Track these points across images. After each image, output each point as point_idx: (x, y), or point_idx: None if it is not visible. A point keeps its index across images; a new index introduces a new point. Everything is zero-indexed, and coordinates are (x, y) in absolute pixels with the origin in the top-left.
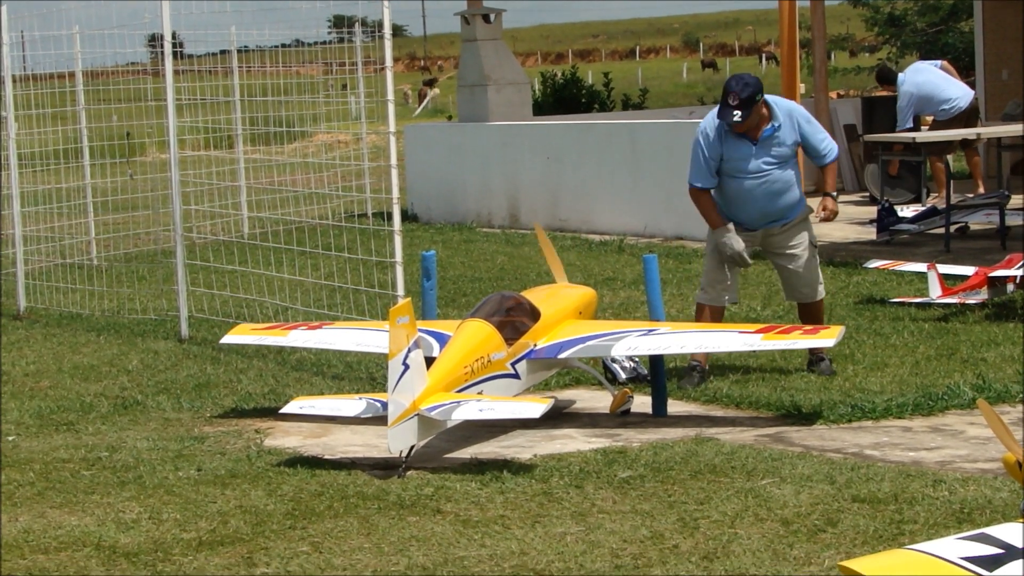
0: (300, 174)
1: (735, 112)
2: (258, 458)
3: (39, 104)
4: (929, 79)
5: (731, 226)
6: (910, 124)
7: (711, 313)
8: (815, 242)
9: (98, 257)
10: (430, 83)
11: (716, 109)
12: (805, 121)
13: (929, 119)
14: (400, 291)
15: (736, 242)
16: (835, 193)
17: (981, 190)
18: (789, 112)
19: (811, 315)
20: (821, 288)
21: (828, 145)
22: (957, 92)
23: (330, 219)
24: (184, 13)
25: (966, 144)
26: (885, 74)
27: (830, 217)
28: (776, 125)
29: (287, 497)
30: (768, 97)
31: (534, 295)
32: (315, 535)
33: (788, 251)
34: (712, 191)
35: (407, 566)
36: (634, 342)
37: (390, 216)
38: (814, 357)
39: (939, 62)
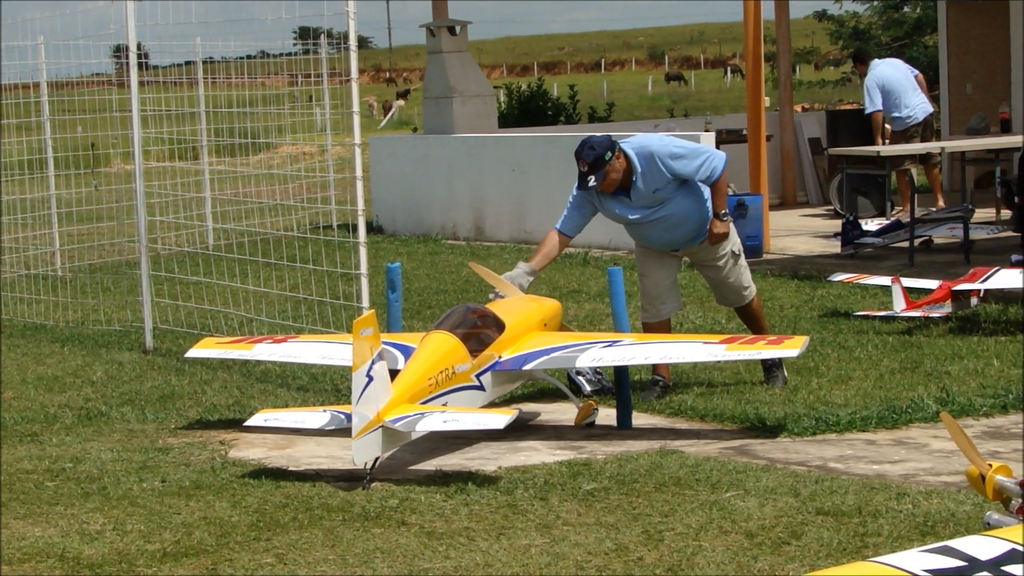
0: (265, 185)
1: (589, 178)
2: (223, 470)
3: (3, 115)
4: (898, 78)
5: (519, 264)
6: (879, 107)
7: (657, 329)
8: (737, 250)
9: (63, 268)
10: (403, 94)
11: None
12: (670, 157)
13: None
14: (365, 303)
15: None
16: (724, 212)
17: (941, 204)
18: (649, 156)
19: (748, 316)
20: (750, 290)
21: (707, 168)
22: (915, 102)
23: (295, 231)
24: (149, 23)
25: (924, 159)
26: (861, 55)
27: (715, 240)
28: (639, 173)
29: (252, 509)
30: (625, 146)
31: (499, 307)
32: (279, 547)
33: (710, 263)
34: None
35: None
36: (599, 353)
37: (355, 228)
38: (766, 364)
39: (916, 72)
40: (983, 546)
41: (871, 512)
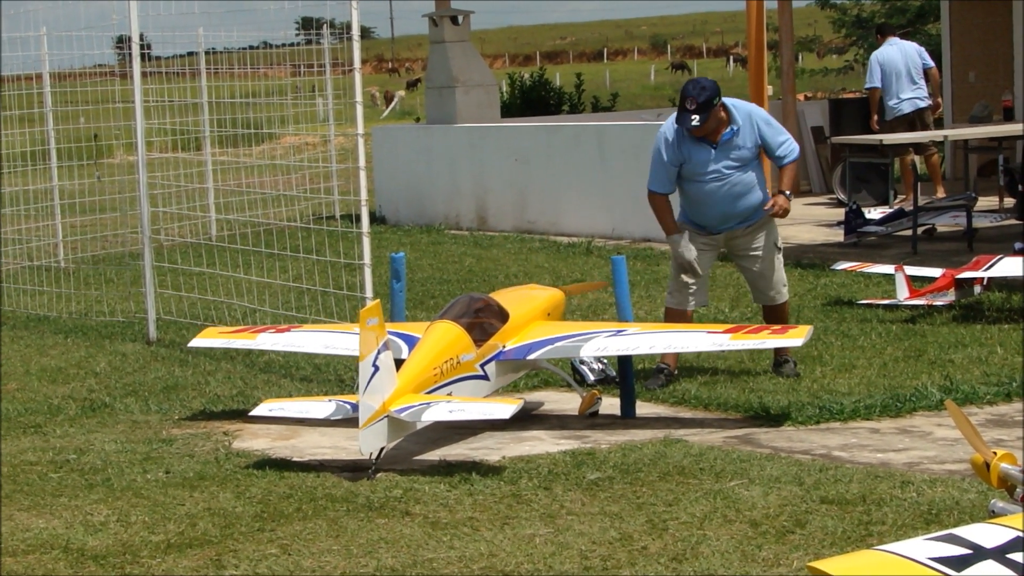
0: (268, 176)
1: (693, 116)
2: (226, 460)
3: (6, 106)
4: (897, 65)
5: (686, 234)
6: (876, 84)
7: (678, 317)
8: (779, 244)
9: (66, 259)
10: (413, 84)
11: (675, 114)
12: (764, 123)
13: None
14: (368, 293)
15: (688, 251)
16: (789, 192)
17: (941, 193)
18: (748, 115)
19: (776, 317)
20: (785, 290)
21: (788, 147)
22: (907, 95)
23: (298, 221)
24: (152, 14)
25: (920, 148)
26: (884, 29)
27: (779, 213)
28: (735, 128)
29: (256, 499)
30: (727, 100)
31: (503, 297)
32: (284, 537)
33: (752, 253)
34: (676, 193)
35: (376, 568)
36: (603, 343)
37: (358, 218)
38: (779, 359)
39: (930, 64)
40: (988, 534)
41: (875, 500)
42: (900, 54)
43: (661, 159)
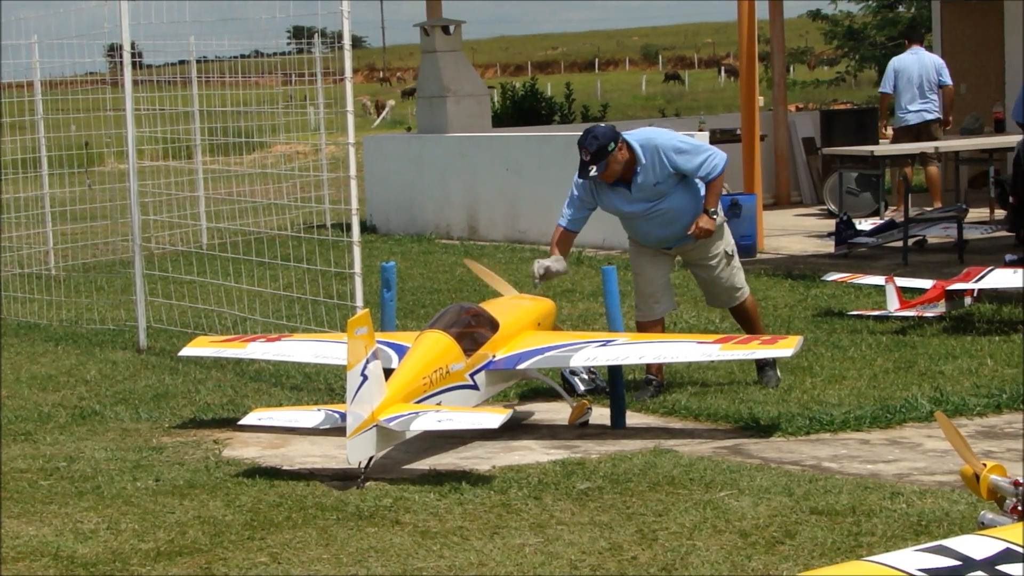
0: (259, 185)
1: (590, 167)
2: (216, 469)
3: None
4: (910, 75)
5: (552, 257)
6: (887, 90)
7: (650, 328)
8: (731, 251)
9: (56, 267)
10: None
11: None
12: (675, 153)
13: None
14: (359, 302)
15: (539, 263)
16: (714, 210)
17: (937, 205)
18: (655, 149)
19: (742, 317)
20: (742, 291)
21: (709, 166)
22: (916, 107)
23: (289, 230)
24: (143, 23)
25: (921, 159)
26: (911, 34)
27: (700, 235)
28: (639, 168)
29: (245, 508)
30: (632, 138)
31: (493, 306)
32: (273, 546)
33: (702, 263)
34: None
35: None
36: (593, 353)
37: (349, 227)
38: (761, 363)
39: (947, 82)
40: (978, 545)
41: (865, 511)
42: (917, 64)
43: (575, 198)
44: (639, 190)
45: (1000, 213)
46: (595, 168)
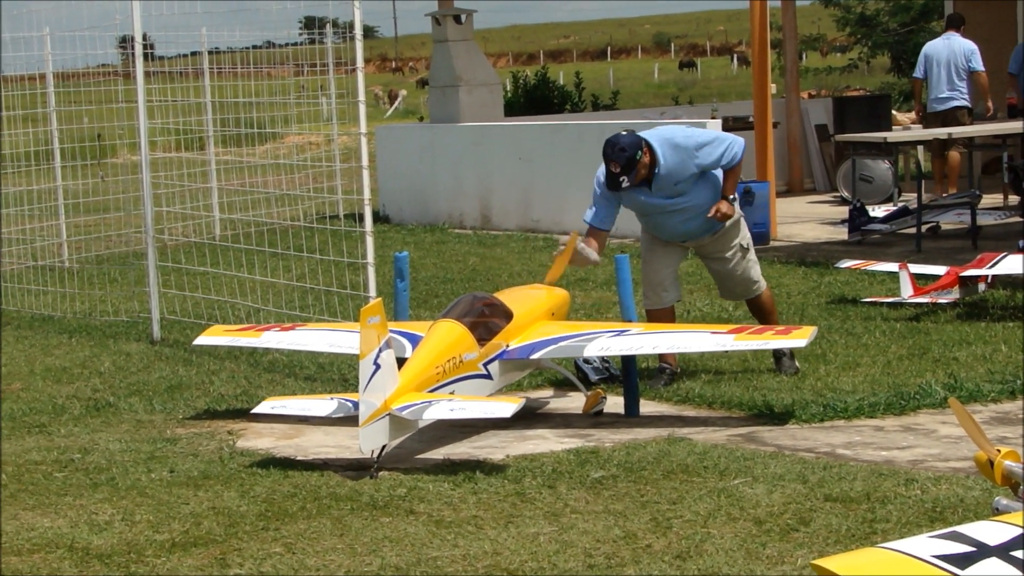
0: (272, 176)
1: (621, 179)
2: (231, 459)
3: (9, 106)
4: (938, 60)
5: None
6: (918, 75)
7: (659, 316)
8: (746, 244)
9: (70, 259)
10: (424, 83)
11: (603, 168)
12: (696, 148)
13: (907, 116)
14: (372, 292)
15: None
16: (732, 196)
17: (953, 190)
18: (675, 148)
19: (758, 309)
20: (759, 285)
21: (728, 156)
22: (943, 93)
23: (302, 220)
24: (155, 14)
25: (945, 145)
26: (952, 19)
27: (719, 218)
28: (659, 168)
29: (260, 498)
30: (651, 137)
31: (506, 296)
32: (288, 536)
33: (717, 256)
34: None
35: (380, 566)
36: (606, 343)
37: (362, 217)
38: (778, 353)
39: (978, 68)
40: (992, 531)
41: (879, 498)
42: (947, 50)
43: (600, 196)
44: (659, 188)
45: (1014, 199)
46: (626, 179)
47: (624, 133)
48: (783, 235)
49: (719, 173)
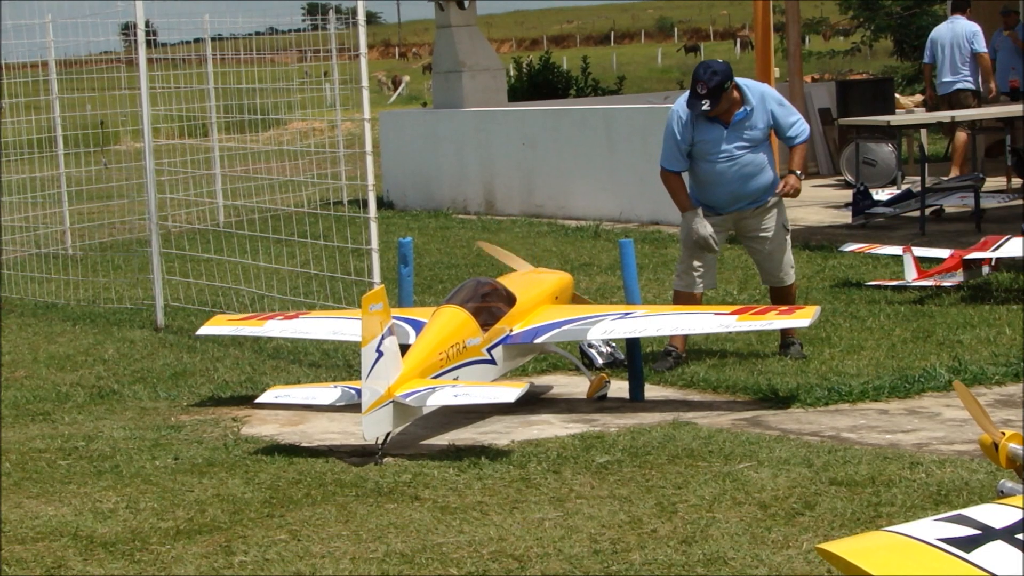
0: (275, 162)
1: (703, 101)
2: (235, 446)
3: (12, 93)
4: (944, 44)
5: (700, 210)
6: (927, 60)
7: (687, 300)
8: (788, 226)
9: (73, 247)
10: (430, 68)
11: (687, 93)
12: (777, 104)
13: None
14: (376, 278)
15: (704, 226)
16: (800, 172)
17: (956, 173)
18: (762, 95)
19: (783, 298)
20: (793, 272)
21: (799, 127)
22: (947, 77)
23: (305, 207)
24: (157, 1)
25: (951, 127)
26: (955, 4)
27: (790, 193)
28: (748, 109)
29: (264, 485)
30: (740, 81)
31: (510, 281)
32: (293, 523)
33: (760, 234)
34: (685, 174)
35: (385, 553)
36: (610, 326)
37: (365, 203)
38: (785, 340)
39: (981, 50)
40: (997, 514)
41: (884, 482)
42: (950, 34)
43: (673, 137)
44: (735, 130)
45: (1017, 182)
46: (708, 103)
47: (720, 61)
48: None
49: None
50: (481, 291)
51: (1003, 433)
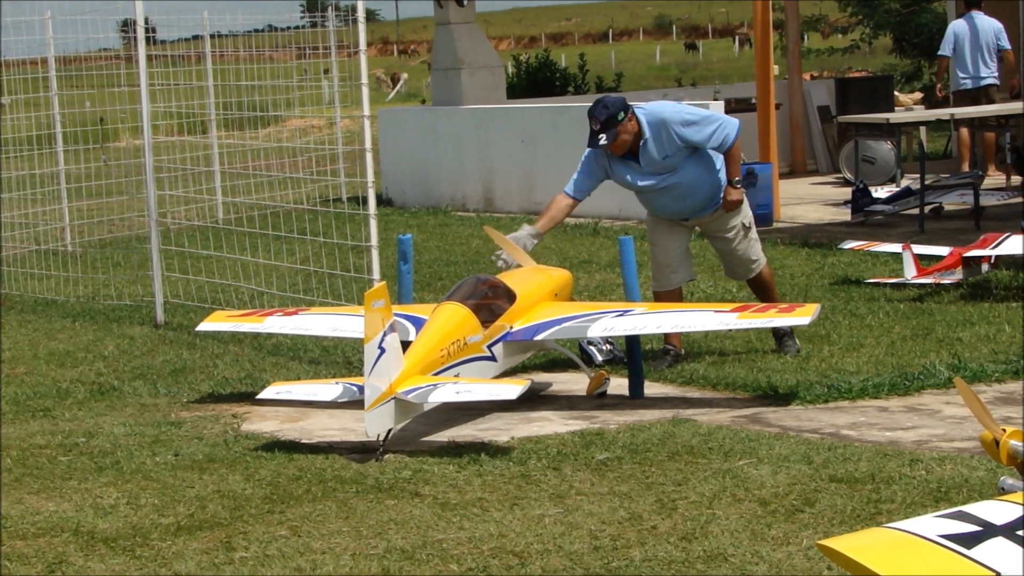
0: (274, 159)
1: (600, 136)
2: (235, 443)
3: (11, 90)
4: (974, 37)
5: (524, 227)
6: (946, 53)
7: (668, 298)
8: (748, 223)
9: (73, 243)
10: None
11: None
12: (682, 125)
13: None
14: (376, 275)
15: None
16: (738, 179)
17: (966, 168)
18: (661, 122)
19: (758, 287)
20: (759, 263)
21: (720, 135)
22: (974, 73)
23: (305, 204)
24: None
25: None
26: (969, 0)
27: (730, 207)
28: (645, 140)
29: (265, 481)
30: (640, 110)
31: (510, 278)
32: (293, 519)
33: (720, 234)
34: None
35: (385, 549)
36: (610, 323)
37: (365, 200)
38: (778, 332)
39: (1008, 46)
40: (997, 511)
41: (884, 479)
42: (976, 29)
43: (587, 166)
44: (648, 163)
45: (1016, 180)
46: (604, 137)
47: (613, 95)
48: (786, 216)
49: (715, 154)
50: (481, 288)
51: (1003, 430)
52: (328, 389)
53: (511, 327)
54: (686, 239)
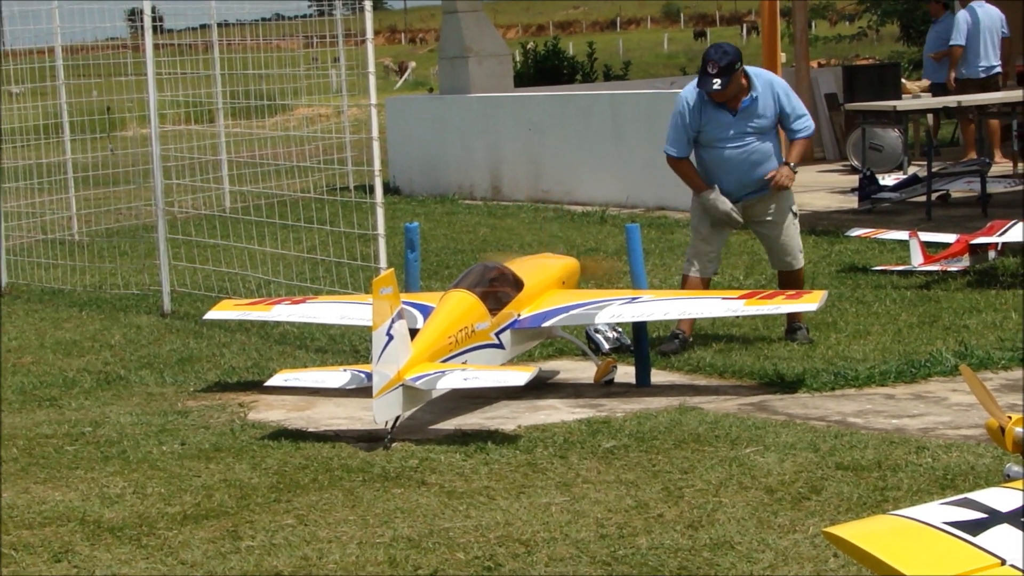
0: (281, 148)
1: (714, 80)
2: (242, 432)
3: (18, 79)
4: (985, 26)
5: (716, 187)
6: (962, 42)
7: (696, 285)
8: (795, 210)
9: (79, 232)
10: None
11: (696, 78)
12: (785, 94)
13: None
14: (383, 263)
15: (723, 202)
16: (794, 165)
17: (972, 155)
18: (769, 84)
19: (791, 283)
20: (801, 256)
21: (804, 122)
22: (986, 62)
23: (312, 192)
24: None
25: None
26: None
27: (780, 182)
28: (754, 96)
29: (272, 470)
30: (749, 68)
31: (517, 265)
32: (300, 508)
33: (768, 219)
34: (692, 160)
35: (392, 537)
36: (617, 310)
37: (372, 189)
38: (792, 325)
39: (1008, 33)
40: (1003, 498)
41: (891, 466)
42: (984, 17)
43: (680, 122)
44: (745, 118)
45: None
46: (719, 81)
47: (730, 44)
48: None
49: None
50: (489, 276)
51: (1009, 417)
52: (336, 376)
53: (519, 314)
54: (726, 237)
